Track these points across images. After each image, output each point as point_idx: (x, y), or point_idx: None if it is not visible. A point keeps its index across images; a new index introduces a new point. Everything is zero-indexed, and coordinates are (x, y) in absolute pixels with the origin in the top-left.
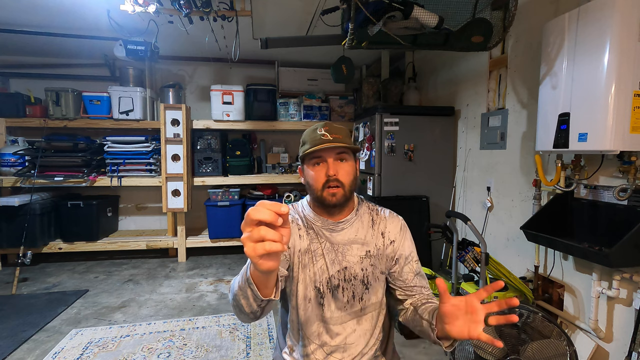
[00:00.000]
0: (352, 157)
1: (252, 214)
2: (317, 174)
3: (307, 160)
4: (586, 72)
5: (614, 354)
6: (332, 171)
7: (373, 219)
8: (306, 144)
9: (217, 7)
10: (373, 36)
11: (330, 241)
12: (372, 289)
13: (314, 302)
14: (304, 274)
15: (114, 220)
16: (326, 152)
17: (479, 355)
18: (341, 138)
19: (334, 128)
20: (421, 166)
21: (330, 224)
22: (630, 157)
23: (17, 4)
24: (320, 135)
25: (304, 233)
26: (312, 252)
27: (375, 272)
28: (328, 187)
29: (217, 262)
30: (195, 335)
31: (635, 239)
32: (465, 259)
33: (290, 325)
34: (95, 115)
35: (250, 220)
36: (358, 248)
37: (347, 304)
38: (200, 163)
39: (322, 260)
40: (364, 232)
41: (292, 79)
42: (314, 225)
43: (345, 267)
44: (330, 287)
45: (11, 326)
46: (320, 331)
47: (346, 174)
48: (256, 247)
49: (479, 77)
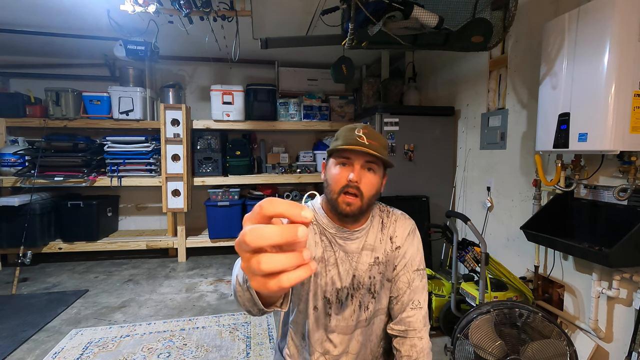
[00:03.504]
0: (381, 171)
1: (253, 237)
2: (339, 174)
3: (334, 156)
4: (586, 72)
5: (614, 354)
6: (356, 177)
7: (383, 222)
8: (339, 140)
9: (217, 7)
10: (373, 36)
11: (344, 250)
12: (378, 298)
13: (321, 312)
14: (315, 283)
15: (114, 220)
16: (356, 155)
17: (479, 355)
18: (377, 146)
19: (373, 134)
20: (421, 166)
21: (345, 232)
22: (630, 157)
23: (17, 4)
24: (357, 137)
25: (318, 239)
26: (325, 260)
27: (383, 280)
28: (345, 192)
29: (217, 262)
30: (195, 335)
31: (635, 239)
32: (465, 259)
33: (293, 327)
34: (95, 115)
35: (250, 248)
36: (367, 255)
37: (354, 313)
38: (200, 163)
39: (335, 270)
40: (373, 236)
41: (292, 79)
42: (326, 231)
43: (354, 275)
44: (339, 298)
45: (11, 326)
46: (323, 339)
47: (369, 184)
48: (268, 285)
49: (479, 77)
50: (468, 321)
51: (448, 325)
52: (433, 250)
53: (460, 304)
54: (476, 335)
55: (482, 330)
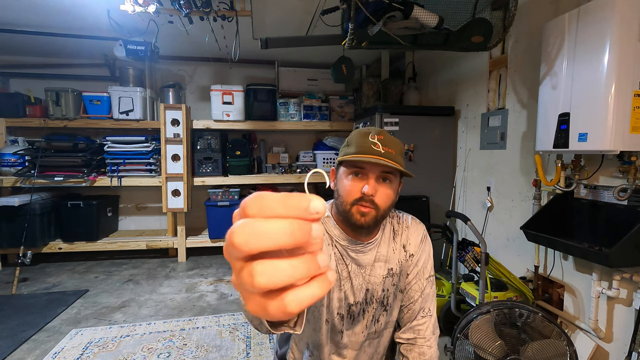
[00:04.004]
0: (397, 179)
1: (244, 238)
2: (352, 186)
3: (346, 165)
4: (586, 72)
5: (614, 354)
6: (371, 190)
7: (394, 229)
8: (351, 147)
9: (217, 7)
10: (373, 36)
11: (357, 263)
12: (390, 310)
13: (332, 326)
14: (328, 298)
15: (114, 220)
16: (371, 166)
17: (479, 355)
18: (393, 154)
19: (389, 140)
20: (421, 166)
21: (358, 245)
22: (630, 157)
23: (17, 4)
24: (372, 144)
25: (331, 250)
26: (338, 273)
27: (396, 292)
28: (360, 204)
29: (217, 262)
30: (195, 335)
31: (635, 239)
32: (465, 259)
33: (298, 334)
34: (95, 115)
35: (241, 252)
36: (381, 267)
37: (365, 328)
38: (200, 163)
39: (348, 284)
40: (385, 246)
41: (292, 79)
42: (338, 244)
43: (367, 289)
44: (350, 313)
45: (11, 326)
46: (332, 352)
47: (385, 197)
48: (269, 310)
49: (479, 77)
50: (468, 321)
51: (448, 325)
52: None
53: (460, 304)
54: (476, 335)
55: (482, 330)
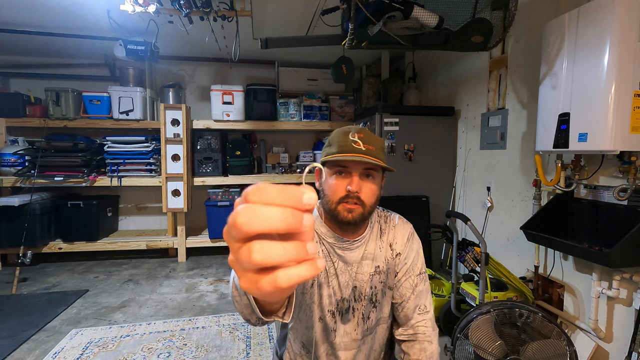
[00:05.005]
0: (380, 174)
1: (246, 218)
2: (336, 185)
3: (329, 166)
4: (586, 72)
5: (614, 354)
6: (355, 187)
7: (381, 228)
8: (333, 147)
9: (217, 7)
10: (373, 36)
11: (344, 260)
12: (379, 307)
13: (326, 325)
14: (319, 294)
15: (114, 220)
16: (354, 163)
17: (479, 355)
18: (374, 150)
19: (369, 137)
20: (421, 166)
21: (345, 242)
22: (630, 157)
23: (17, 4)
24: (352, 142)
25: (318, 247)
26: (325, 271)
27: (384, 289)
28: (345, 202)
29: (217, 262)
30: (195, 335)
31: (635, 239)
32: (465, 259)
33: (292, 334)
34: (95, 115)
35: (241, 232)
36: (368, 264)
37: (357, 326)
38: (200, 163)
39: (335, 281)
40: (373, 244)
41: (292, 79)
42: (325, 241)
43: (355, 286)
44: (339, 310)
45: (11, 326)
46: (328, 353)
47: (370, 192)
48: (261, 284)
49: (479, 77)
50: (468, 321)
51: (448, 325)
52: (433, 250)
53: (460, 304)
54: (476, 335)
55: (482, 330)
